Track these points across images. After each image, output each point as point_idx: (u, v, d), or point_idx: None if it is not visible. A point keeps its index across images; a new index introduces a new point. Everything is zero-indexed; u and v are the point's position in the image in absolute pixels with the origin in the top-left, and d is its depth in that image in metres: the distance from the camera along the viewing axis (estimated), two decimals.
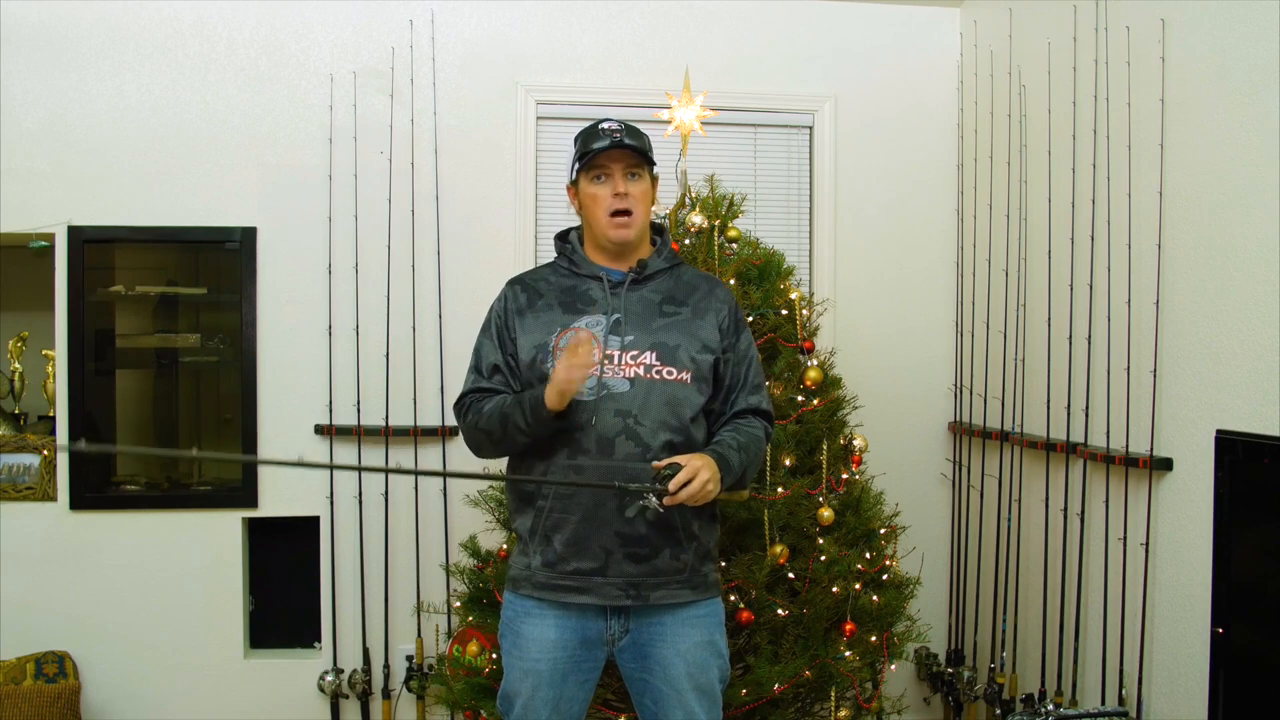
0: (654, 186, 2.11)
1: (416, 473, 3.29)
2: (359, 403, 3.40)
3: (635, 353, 1.95)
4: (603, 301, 2.00)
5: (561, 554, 1.94)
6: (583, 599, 1.94)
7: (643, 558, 1.92)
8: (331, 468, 3.44)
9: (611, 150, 1.98)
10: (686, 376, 1.96)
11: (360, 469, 3.42)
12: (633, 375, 1.93)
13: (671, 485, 1.79)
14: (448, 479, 3.42)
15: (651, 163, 2.05)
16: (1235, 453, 2.29)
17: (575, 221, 2.15)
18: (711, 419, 2.05)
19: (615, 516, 1.89)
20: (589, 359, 1.82)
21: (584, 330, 1.94)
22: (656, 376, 1.94)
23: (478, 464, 2.21)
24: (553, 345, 1.97)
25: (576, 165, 2.04)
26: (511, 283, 2.11)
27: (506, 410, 1.93)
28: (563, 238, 2.14)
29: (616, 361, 1.94)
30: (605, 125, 2.01)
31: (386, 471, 3.21)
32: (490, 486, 2.99)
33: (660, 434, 1.92)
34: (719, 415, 2.05)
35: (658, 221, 2.21)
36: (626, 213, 2.00)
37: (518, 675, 1.98)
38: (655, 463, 1.85)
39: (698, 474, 1.81)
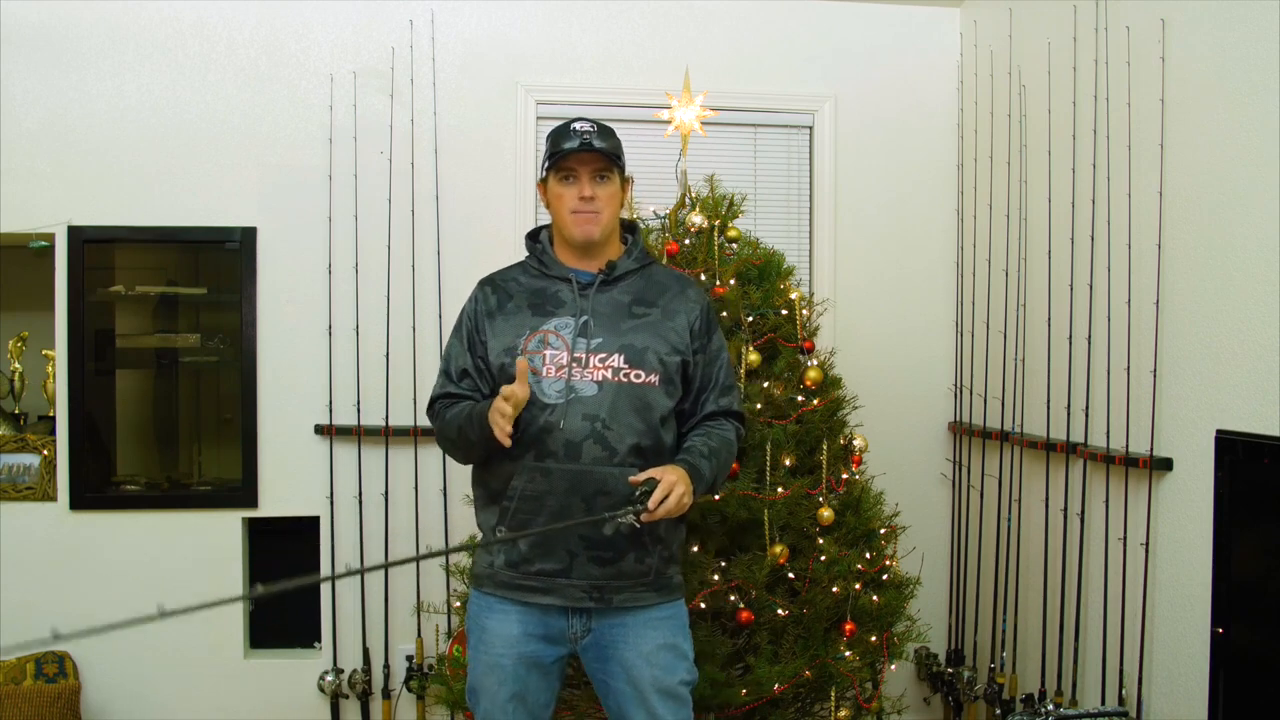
0: (626, 188, 2.07)
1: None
2: (359, 403, 3.40)
3: (603, 355, 1.93)
4: (571, 303, 1.98)
5: (526, 555, 1.93)
6: (546, 599, 1.94)
7: (607, 560, 1.92)
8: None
9: (580, 152, 1.95)
10: (655, 379, 1.95)
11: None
12: (600, 379, 1.92)
13: (650, 503, 1.79)
14: (447, 478, 3.43)
15: (622, 165, 2.02)
16: (1235, 453, 2.29)
17: None
18: (682, 420, 2.04)
19: (580, 519, 1.88)
20: (509, 405, 1.79)
21: (522, 360, 1.88)
22: (624, 379, 1.93)
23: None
24: (520, 349, 1.95)
25: (546, 164, 2.01)
26: (482, 283, 2.08)
27: (462, 423, 1.93)
28: (533, 237, 2.11)
29: (584, 364, 1.92)
30: (576, 125, 1.97)
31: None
32: None
33: (628, 438, 1.91)
34: (689, 416, 2.04)
35: (629, 220, 2.18)
36: (591, 212, 1.98)
37: (483, 670, 1.98)
38: (631, 478, 1.84)
39: (673, 489, 1.81)
